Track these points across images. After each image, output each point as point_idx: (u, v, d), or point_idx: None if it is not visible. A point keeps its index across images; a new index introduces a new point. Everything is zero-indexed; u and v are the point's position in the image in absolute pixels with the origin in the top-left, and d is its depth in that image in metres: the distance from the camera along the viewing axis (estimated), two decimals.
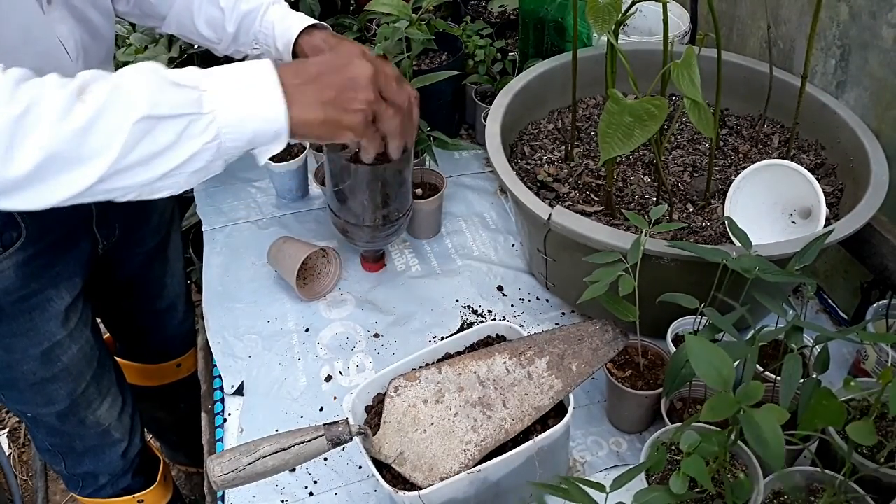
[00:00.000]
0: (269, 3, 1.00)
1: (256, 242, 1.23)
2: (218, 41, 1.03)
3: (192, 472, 1.77)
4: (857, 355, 0.93)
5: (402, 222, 1.08)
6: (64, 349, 1.03)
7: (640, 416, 0.89)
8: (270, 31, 1.00)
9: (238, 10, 0.99)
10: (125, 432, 1.18)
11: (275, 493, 0.88)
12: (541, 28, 1.30)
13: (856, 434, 0.61)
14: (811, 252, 0.77)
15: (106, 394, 1.13)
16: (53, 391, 1.05)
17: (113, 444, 1.17)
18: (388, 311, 1.11)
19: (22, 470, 1.89)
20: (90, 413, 1.11)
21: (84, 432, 1.13)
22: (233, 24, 1.00)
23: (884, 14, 0.96)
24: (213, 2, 1.00)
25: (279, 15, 1.00)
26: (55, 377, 1.04)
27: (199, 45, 1.07)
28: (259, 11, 1.00)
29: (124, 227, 1.11)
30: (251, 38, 1.02)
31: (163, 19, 1.04)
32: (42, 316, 0.99)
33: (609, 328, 0.82)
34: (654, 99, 0.80)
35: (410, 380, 0.78)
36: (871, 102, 1.03)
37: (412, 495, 0.71)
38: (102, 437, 1.15)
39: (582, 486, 0.60)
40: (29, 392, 1.05)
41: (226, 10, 1.00)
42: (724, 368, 0.58)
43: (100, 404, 1.12)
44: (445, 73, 1.15)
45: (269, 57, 1.03)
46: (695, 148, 1.16)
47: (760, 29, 1.21)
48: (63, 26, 0.85)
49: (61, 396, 1.06)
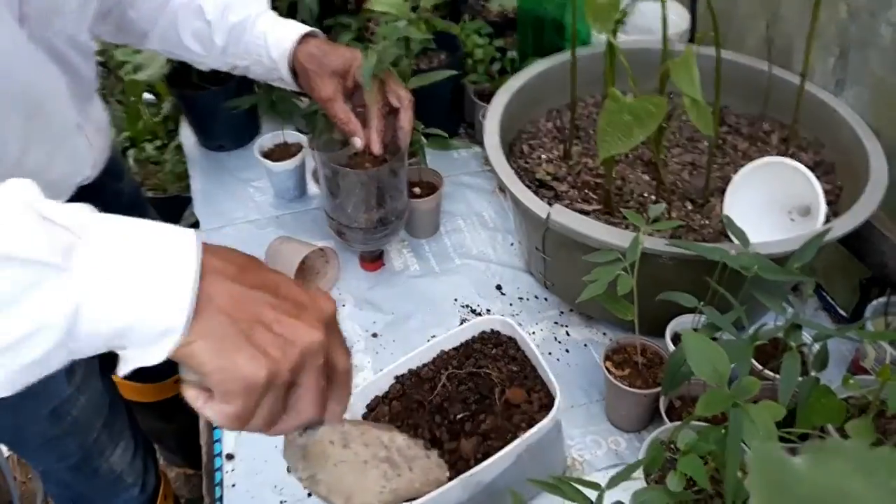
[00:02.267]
0: (259, 13, 0.98)
1: (254, 242, 1.22)
2: (206, 54, 1.01)
3: (189, 473, 1.77)
4: (856, 353, 0.93)
5: (397, 224, 1.08)
6: (72, 404, 0.98)
7: (638, 414, 0.89)
8: (262, 40, 0.98)
9: (226, 21, 0.97)
10: (138, 476, 1.15)
11: (274, 493, 0.88)
12: (540, 27, 1.30)
13: (855, 432, 0.61)
14: (810, 250, 0.77)
15: (118, 439, 1.09)
16: (64, 446, 1.01)
17: (126, 488, 1.14)
18: (387, 310, 1.11)
19: (21, 472, 1.89)
20: (103, 461, 1.07)
21: (97, 481, 1.09)
22: (221, 36, 0.98)
23: (883, 13, 0.96)
24: (198, 15, 0.98)
25: (269, 24, 0.98)
26: (65, 433, 0.99)
27: (185, 59, 1.04)
28: (248, 22, 0.98)
29: None
30: (241, 48, 0.99)
31: (144, 36, 1.01)
32: (47, 376, 0.96)
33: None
34: (653, 97, 0.79)
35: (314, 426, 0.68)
36: (870, 100, 1.02)
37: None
38: (115, 483, 1.12)
39: (577, 485, 0.60)
40: (41, 450, 1.01)
41: (213, 22, 0.97)
42: (719, 364, 0.58)
43: (112, 451, 1.08)
44: (444, 73, 1.15)
45: (260, 67, 1.01)
46: (694, 146, 1.16)
47: (759, 27, 1.21)
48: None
49: (72, 450, 1.02)
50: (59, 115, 0.84)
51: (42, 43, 0.78)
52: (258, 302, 0.47)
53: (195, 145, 1.49)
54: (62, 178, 0.89)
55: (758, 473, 0.25)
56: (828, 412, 0.65)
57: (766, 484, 0.25)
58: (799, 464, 0.25)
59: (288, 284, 0.50)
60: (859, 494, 0.24)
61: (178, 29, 0.99)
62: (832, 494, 0.24)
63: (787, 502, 0.24)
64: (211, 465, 0.96)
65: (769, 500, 0.24)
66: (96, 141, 0.93)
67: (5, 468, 1.62)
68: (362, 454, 0.68)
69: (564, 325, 1.07)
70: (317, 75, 0.97)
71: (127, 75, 1.50)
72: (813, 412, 0.66)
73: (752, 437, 0.54)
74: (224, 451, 0.93)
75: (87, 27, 0.86)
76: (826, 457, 0.25)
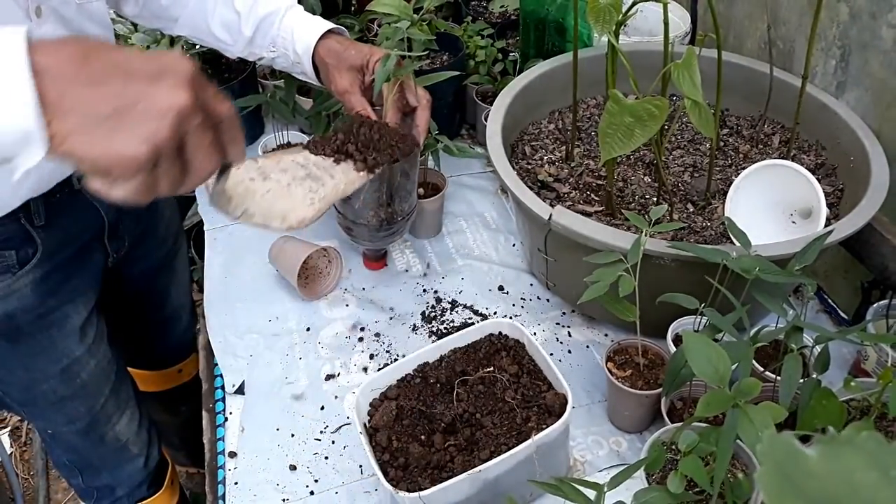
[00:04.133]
0: (287, 7, 1.00)
1: (258, 242, 1.23)
2: (233, 43, 1.03)
3: (192, 472, 1.78)
4: (858, 355, 0.93)
5: (405, 222, 1.09)
6: (83, 365, 1.01)
7: (640, 415, 0.90)
8: (290, 35, 1.00)
9: (255, 13, 0.99)
10: (143, 446, 1.17)
11: (276, 491, 0.88)
12: (542, 28, 1.31)
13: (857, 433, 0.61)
14: (811, 252, 0.77)
15: (124, 407, 1.12)
16: (73, 408, 1.04)
17: (131, 458, 1.16)
18: (389, 310, 1.11)
19: (23, 468, 1.89)
20: (109, 428, 1.10)
21: (103, 448, 1.12)
22: (250, 27, 1.00)
23: (884, 14, 0.96)
24: (227, 5, 1.00)
25: (297, 19, 1.00)
26: (75, 394, 1.02)
27: (212, 46, 1.06)
28: (277, 15, 1.00)
29: (133, 239, 1.10)
30: (268, 41, 1.01)
31: (175, 21, 1.03)
32: (60, 333, 0.97)
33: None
34: (655, 99, 0.80)
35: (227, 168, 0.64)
36: (871, 103, 1.03)
37: (413, 496, 0.71)
38: (121, 452, 1.14)
39: (578, 486, 0.60)
40: (50, 410, 1.03)
41: (241, 13, 0.99)
42: (720, 365, 0.58)
43: (119, 418, 1.11)
44: (446, 74, 1.15)
45: (285, 60, 1.03)
46: (695, 148, 1.16)
47: (759, 30, 1.21)
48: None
49: (81, 413, 1.05)
50: None
51: (49, 13, 0.79)
52: (114, 85, 0.47)
53: None
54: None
55: (769, 467, 0.24)
56: (829, 414, 0.65)
57: (777, 477, 0.24)
58: (811, 456, 0.24)
59: (139, 59, 0.49)
60: (871, 488, 0.23)
61: (206, 16, 1.01)
62: (844, 488, 0.23)
63: (797, 496, 0.24)
64: (214, 463, 0.96)
65: (780, 494, 0.24)
66: None
67: (8, 464, 1.63)
68: (283, 179, 0.75)
69: (566, 326, 1.07)
70: (335, 69, 0.99)
71: None
72: (814, 414, 0.66)
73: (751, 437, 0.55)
74: (227, 449, 0.94)
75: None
76: (838, 450, 0.24)
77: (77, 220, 0.95)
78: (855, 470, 0.24)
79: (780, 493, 0.24)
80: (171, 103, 0.48)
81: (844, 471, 0.24)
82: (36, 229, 0.89)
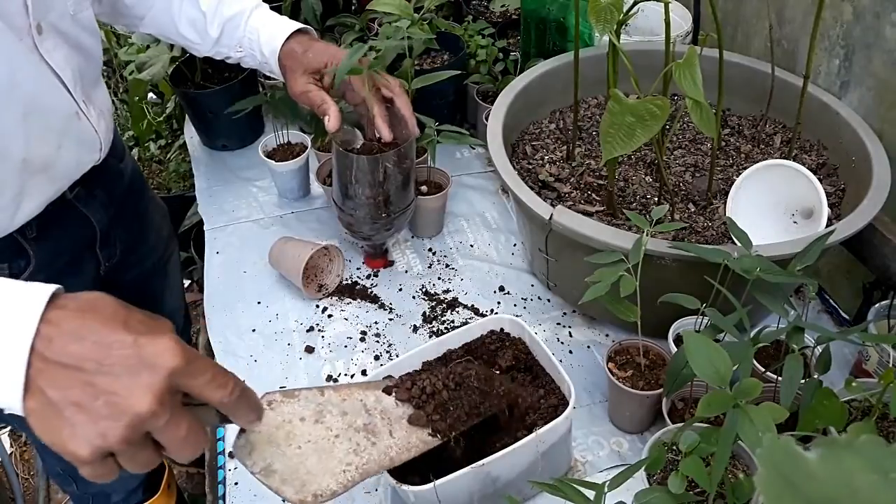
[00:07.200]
0: (252, 8, 1.00)
1: (258, 241, 1.23)
2: (201, 42, 1.03)
3: (192, 472, 1.78)
4: (859, 356, 0.92)
5: (403, 219, 1.09)
6: None
7: (641, 416, 0.89)
8: (255, 36, 1.01)
9: (220, 14, 1.00)
10: None
11: None
12: (543, 28, 1.30)
13: (857, 435, 0.61)
14: (813, 252, 0.77)
15: None
16: None
17: None
18: (390, 310, 1.11)
19: (23, 468, 1.89)
20: None
21: None
22: (216, 28, 1.00)
23: (888, 14, 0.96)
24: (193, 4, 1.00)
25: (263, 20, 1.00)
26: None
27: (181, 45, 1.07)
28: (243, 17, 1.00)
29: (125, 247, 1.09)
30: (235, 42, 1.02)
31: (140, 20, 1.03)
32: None
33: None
34: (656, 99, 0.80)
35: (288, 396, 0.66)
36: (873, 103, 1.02)
37: (416, 489, 0.71)
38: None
39: (579, 486, 0.60)
40: None
41: (207, 13, 1.00)
42: (721, 365, 0.58)
43: None
44: (447, 73, 1.15)
45: (252, 60, 1.04)
46: (696, 148, 1.16)
47: (762, 29, 1.21)
48: (58, 54, 0.82)
49: None
50: (58, 107, 0.85)
51: (49, 29, 0.80)
52: (79, 379, 0.46)
53: (199, 144, 1.49)
54: (74, 166, 0.91)
55: (768, 469, 0.24)
56: (830, 415, 0.65)
57: (776, 480, 0.24)
58: (810, 459, 0.24)
59: (125, 343, 0.47)
60: (871, 491, 0.23)
61: (173, 16, 1.01)
62: (843, 491, 0.23)
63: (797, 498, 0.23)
64: (214, 463, 0.96)
65: (779, 496, 0.24)
66: (101, 125, 0.94)
67: (7, 464, 1.63)
68: (336, 427, 0.66)
69: (567, 326, 1.07)
70: (291, 72, 1.00)
71: (130, 75, 1.51)
72: (815, 415, 0.66)
73: (751, 438, 0.54)
74: (227, 449, 0.94)
75: (88, 3, 0.89)
76: (837, 453, 0.24)
77: (69, 231, 0.95)
78: (854, 472, 0.24)
79: (779, 496, 0.24)
80: (131, 406, 0.46)
81: (844, 473, 0.24)
82: (28, 241, 0.89)
